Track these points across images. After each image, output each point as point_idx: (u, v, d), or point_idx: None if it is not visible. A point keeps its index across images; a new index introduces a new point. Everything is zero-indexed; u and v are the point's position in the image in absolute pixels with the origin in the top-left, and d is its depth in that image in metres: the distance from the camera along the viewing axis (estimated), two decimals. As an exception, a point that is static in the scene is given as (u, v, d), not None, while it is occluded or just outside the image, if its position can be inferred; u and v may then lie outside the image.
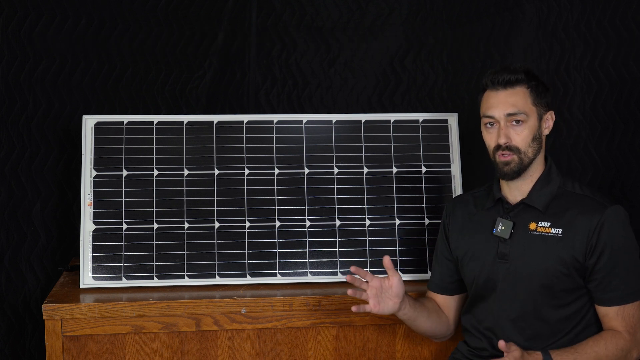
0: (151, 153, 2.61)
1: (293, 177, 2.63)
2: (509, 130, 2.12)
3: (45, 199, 2.84)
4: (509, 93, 2.12)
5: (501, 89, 2.13)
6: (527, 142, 2.12)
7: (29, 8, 2.78)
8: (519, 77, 2.12)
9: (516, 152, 2.11)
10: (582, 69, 2.64)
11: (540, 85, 2.16)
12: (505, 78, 2.12)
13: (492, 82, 2.14)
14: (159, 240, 2.55)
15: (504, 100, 2.12)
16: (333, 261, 2.58)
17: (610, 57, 2.56)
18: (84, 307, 2.36)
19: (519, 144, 2.11)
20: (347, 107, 3.22)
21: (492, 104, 2.14)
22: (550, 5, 2.73)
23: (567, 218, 2.11)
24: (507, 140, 2.11)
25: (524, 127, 2.11)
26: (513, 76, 2.12)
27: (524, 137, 2.11)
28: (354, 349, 2.46)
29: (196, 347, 2.41)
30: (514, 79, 2.12)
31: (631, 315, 2.07)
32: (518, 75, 2.12)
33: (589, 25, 2.61)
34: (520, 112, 2.11)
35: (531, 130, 2.12)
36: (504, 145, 2.11)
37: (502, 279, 2.15)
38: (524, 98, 2.12)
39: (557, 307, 2.11)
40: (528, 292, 2.12)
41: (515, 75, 2.12)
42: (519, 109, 2.11)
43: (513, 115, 2.11)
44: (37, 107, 2.82)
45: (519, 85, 2.13)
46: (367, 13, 3.19)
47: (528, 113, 2.12)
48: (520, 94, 2.12)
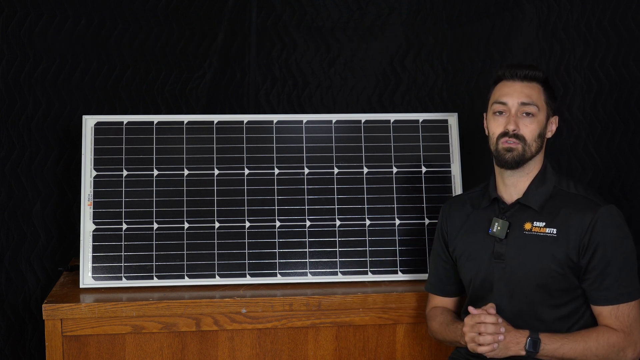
0: (151, 153, 2.61)
1: (293, 177, 2.63)
2: (518, 120, 2.13)
3: (45, 199, 2.84)
4: (525, 85, 2.15)
5: (518, 81, 2.16)
6: (534, 135, 2.13)
7: (29, 8, 2.78)
8: (537, 75, 2.16)
9: (522, 141, 2.12)
10: (582, 69, 2.64)
11: (552, 91, 2.20)
12: (525, 72, 2.16)
13: (511, 74, 2.17)
14: (159, 240, 2.55)
15: (520, 90, 2.15)
16: (333, 261, 2.58)
17: (610, 57, 2.56)
18: (84, 307, 2.36)
19: (527, 135, 2.12)
20: (347, 107, 3.22)
21: (507, 92, 2.16)
22: (550, 5, 2.73)
23: (562, 218, 2.11)
24: (515, 127, 2.12)
25: (533, 120, 2.13)
26: (532, 72, 2.16)
27: (532, 129, 2.13)
28: (354, 349, 2.46)
29: (196, 347, 2.41)
30: (532, 74, 2.15)
31: (626, 315, 2.07)
32: (537, 72, 2.16)
33: (589, 25, 2.61)
34: (533, 103, 2.13)
35: (539, 126, 2.14)
36: (512, 132, 2.12)
37: (498, 279, 2.16)
38: (538, 93, 2.15)
39: (554, 306, 2.12)
40: (524, 292, 2.12)
41: (534, 72, 2.16)
42: (533, 101, 2.13)
43: (526, 106, 2.13)
44: (37, 107, 2.82)
45: (536, 81, 2.16)
46: (367, 13, 3.19)
47: (540, 108, 2.14)
48: (535, 89, 2.15)
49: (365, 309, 2.45)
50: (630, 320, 2.07)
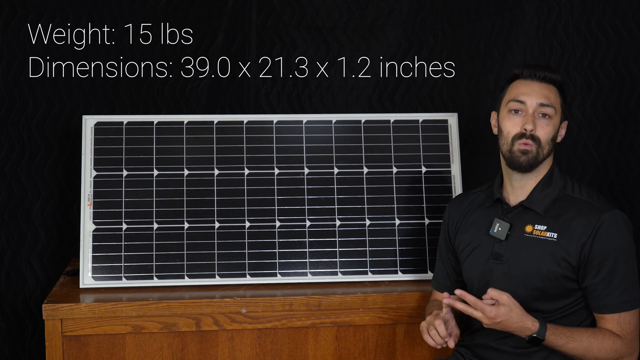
0: (151, 153, 2.61)
1: (293, 177, 2.64)
2: (535, 121, 2.10)
3: (45, 199, 2.84)
4: (543, 86, 2.13)
5: (536, 81, 2.13)
6: (549, 138, 2.11)
7: (29, 8, 2.78)
8: (555, 77, 2.13)
9: (537, 143, 2.10)
10: (582, 69, 2.64)
11: (565, 96, 2.17)
12: (543, 73, 2.13)
13: (529, 74, 2.14)
14: (159, 240, 2.55)
15: (538, 90, 2.12)
16: (333, 261, 2.58)
17: (610, 57, 2.55)
18: (84, 307, 2.36)
19: (542, 137, 2.10)
20: (347, 107, 3.22)
21: (525, 91, 2.13)
22: (550, 5, 2.73)
23: (564, 222, 2.09)
24: (533, 127, 2.09)
25: (549, 122, 2.11)
26: (550, 74, 2.13)
27: (548, 132, 2.10)
28: (354, 349, 2.46)
29: (196, 347, 2.41)
30: (550, 76, 2.13)
31: (627, 322, 2.05)
32: (555, 75, 2.14)
33: (589, 25, 2.61)
34: (551, 105, 2.11)
35: (554, 128, 2.12)
36: (529, 132, 2.09)
37: (496, 280, 2.15)
38: (555, 96, 2.13)
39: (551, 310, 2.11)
40: (521, 294, 2.09)
41: (552, 75, 2.13)
42: (551, 103, 2.11)
43: (544, 107, 2.10)
44: (37, 107, 2.82)
45: (553, 84, 2.14)
46: (367, 13, 3.19)
47: (556, 111, 2.12)
48: (552, 91, 2.13)
49: (365, 309, 2.45)
50: (632, 327, 2.06)
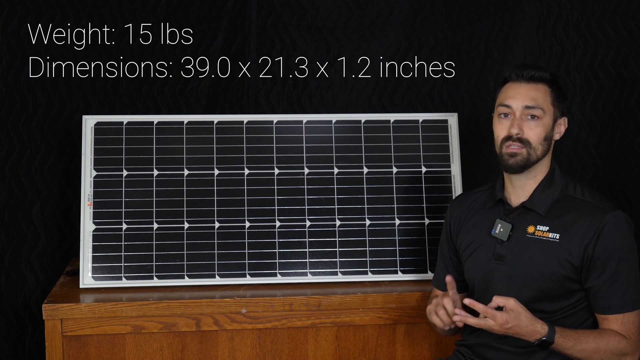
0: (151, 153, 2.61)
1: (293, 177, 2.63)
2: (523, 123, 2.10)
3: (45, 199, 2.84)
4: (531, 87, 2.12)
5: (524, 82, 2.13)
6: (539, 138, 2.10)
7: (29, 8, 2.78)
8: (543, 75, 2.12)
9: (527, 145, 2.09)
10: (582, 69, 2.64)
11: (561, 91, 2.16)
12: (531, 73, 2.12)
13: (517, 75, 2.13)
14: (159, 240, 2.55)
15: (525, 92, 2.11)
16: (333, 261, 2.58)
17: (610, 57, 2.55)
18: (84, 307, 2.36)
19: (531, 138, 2.09)
20: (347, 107, 3.22)
21: (511, 94, 2.13)
22: (550, 5, 2.73)
23: (566, 223, 2.09)
24: (519, 131, 2.09)
25: (538, 123, 2.10)
26: (538, 73, 2.12)
27: (537, 133, 2.10)
28: (354, 349, 2.46)
29: (196, 347, 2.41)
30: (538, 75, 2.12)
31: (631, 322, 2.05)
32: (543, 73, 2.13)
33: (589, 25, 2.61)
34: (538, 107, 2.10)
35: (545, 129, 2.11)
36: (515, 136, 2.09)
37: (497, 280, 2.15)
38: (544, 95, 2.12)
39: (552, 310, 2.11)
40: (522, 295, 2.09)
41: (540, 73, 2.12)
42: (538, 104, 2.10)
43: (530, 109, 2.10)
44: (37, 107, 2.82)
45: (542, 83, 2.12)
46: (367, 13, 3.19)
47: (545, 110, 2.11)
48: (541, 91, 2.12)
49: (365, 309, 2.45)
50: (635, 327, 2.06)
